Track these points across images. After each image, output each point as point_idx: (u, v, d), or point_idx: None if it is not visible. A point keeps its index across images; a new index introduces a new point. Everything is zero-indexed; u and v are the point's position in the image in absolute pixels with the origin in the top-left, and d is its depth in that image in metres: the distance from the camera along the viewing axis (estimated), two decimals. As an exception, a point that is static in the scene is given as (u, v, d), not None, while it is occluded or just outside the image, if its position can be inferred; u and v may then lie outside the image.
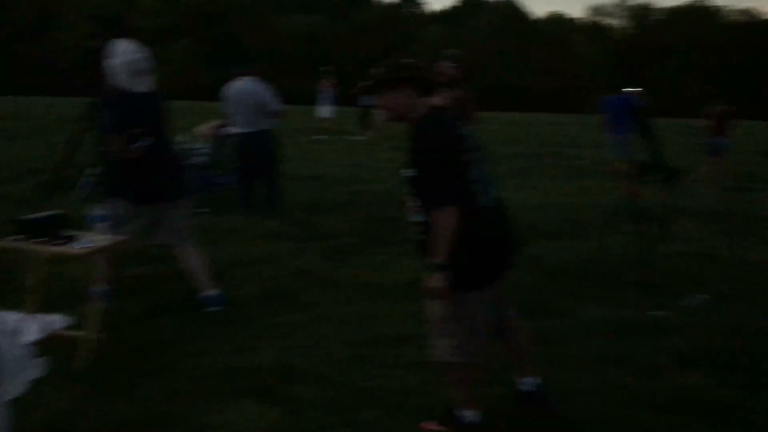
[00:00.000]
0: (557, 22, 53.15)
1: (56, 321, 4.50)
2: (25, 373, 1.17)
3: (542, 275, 5.90)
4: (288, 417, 3.46)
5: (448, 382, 3.39)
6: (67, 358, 4.04)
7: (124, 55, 4.62)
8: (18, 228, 4.04)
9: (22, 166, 10.72)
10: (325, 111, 18.36)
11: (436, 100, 3.21)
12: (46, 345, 4.21)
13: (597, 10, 64.83)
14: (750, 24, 46.29)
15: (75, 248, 3.94)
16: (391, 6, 55.00)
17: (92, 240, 4.01)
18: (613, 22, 53.11)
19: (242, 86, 7.49)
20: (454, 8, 56.43)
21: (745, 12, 58.83)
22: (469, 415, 3.36)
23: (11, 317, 1.12)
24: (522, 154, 14.80)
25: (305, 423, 3.42)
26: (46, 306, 4.49)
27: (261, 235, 6.90)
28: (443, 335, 3.22)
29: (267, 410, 3.49)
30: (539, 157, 14.64)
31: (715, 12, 49.01)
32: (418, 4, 59.57)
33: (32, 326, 4.22)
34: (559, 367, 4.05)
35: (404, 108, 3.12)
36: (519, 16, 51.87)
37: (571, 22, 53.85)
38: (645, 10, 51.90)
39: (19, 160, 11.40)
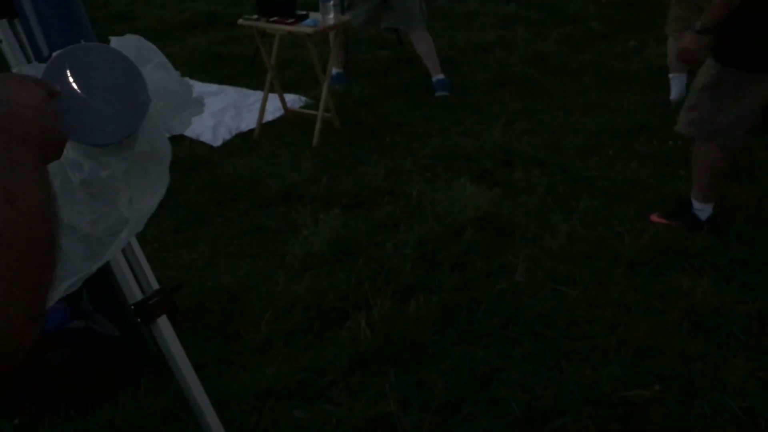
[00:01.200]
0: None
1: (294, 100, 4.79)
2: (189, 109, 1.16)
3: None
4: (502, 198, 3.42)
5: (692, 162, 3.07)
6: (303, 134, 4.30)
7: None
8: (256, 8, 4.20)
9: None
10: None
11: None
12: (286, 121, 4.54)
13: None
14: None
15: (303, 26, 4.02)
16: None
17: (319, 19, 4.06)
18: None
19: None
20: None
21: None
22: (704, 209, 3.05)
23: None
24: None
25: (520, 206, 3.36)
26: (286, 86, 4.77)
27: (497, 20, 6.56)
28: (693, 106, 2.91)
29: (483, 191, 3.47)
30: None
31: None
32: None
33: (274, 103, 4.52)
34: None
35: None
36: None
37: None
38: None
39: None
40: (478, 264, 2.95)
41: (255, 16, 4.15)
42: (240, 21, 4.19)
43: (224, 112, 4.62)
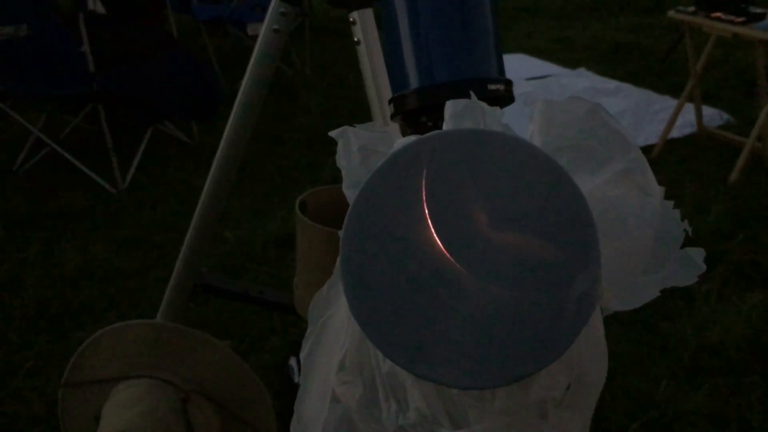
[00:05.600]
0: None
1: (712, 115, 3.81)
2: (669, 269, 0.43)
3: None
4: None
5: None
6: (717, 165, 3.36)
7: None
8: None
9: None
10: None
11: None
12: (697, 142, 3.61)
13: None
14: None
15: (758, 30, 3.05)
16: None
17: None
18: None
19: None
20: None
21: None
22: None
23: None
24: None
25: None
26: (704, 95, 3.80)
27: None
28: None
29: None
30: None
31: None
32: None
33: (685, 116, 3.62)
34: None
35: None
36: None
37: None
38: None
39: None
40: None
41: (691, 8, 3.27)
42: (671, 13, 3.35)
43: (620, 117, 3.84)
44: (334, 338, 0.52)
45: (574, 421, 0.48)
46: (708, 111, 3.77)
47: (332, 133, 0.56)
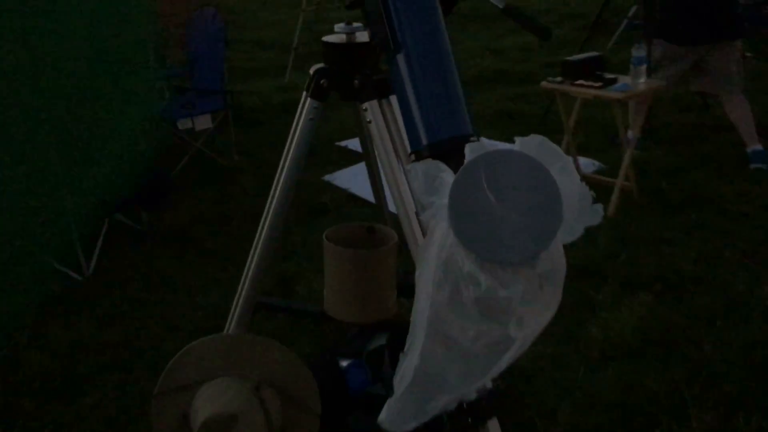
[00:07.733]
0: None
1: (587, 164, 4.55)
2: (585, 218, 1.01)
3: None
4: None
5: None
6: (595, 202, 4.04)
7: None
8: (560, 69, 4.07)
9: (565, 10, 10.94)
10: None
11: None
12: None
13: None
14: None
15: (612, 91, 3.80)
16: None
17: (629, 83, 3.81)
18: None
19: None
20: None
21: None
22: None
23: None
24: None
25: None
26: (578, 148, 4.54)
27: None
28: None
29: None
30: None
31: None
32: None
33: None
34: None
35: None
36: None
37: None
38: None
39: (561, 4, 11.67)
40: (821, 383, 2.47)
41: (558, 78, 4.01)
42: (543, 84, 4.08)
43: (514, 172, 4.51)
44: (429, 266, 1.00)
45: (554, 292, 0.99)
46: (583, 160, 4.50)
47: (406, 168, 1.06)
